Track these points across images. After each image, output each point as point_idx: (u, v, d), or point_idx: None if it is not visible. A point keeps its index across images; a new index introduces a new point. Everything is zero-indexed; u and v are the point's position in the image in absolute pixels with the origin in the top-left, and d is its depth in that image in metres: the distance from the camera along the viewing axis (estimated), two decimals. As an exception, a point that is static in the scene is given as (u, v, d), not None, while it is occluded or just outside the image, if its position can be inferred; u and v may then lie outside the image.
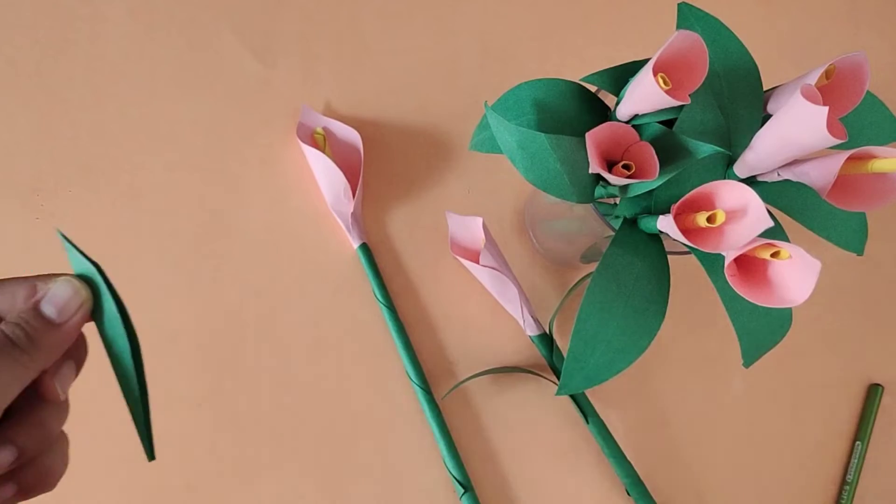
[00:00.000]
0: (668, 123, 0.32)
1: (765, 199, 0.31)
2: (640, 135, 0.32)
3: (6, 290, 0.22)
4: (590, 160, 0.30)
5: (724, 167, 0.33)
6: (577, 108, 0.34)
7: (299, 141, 0.46)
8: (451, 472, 0.44)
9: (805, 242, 0.29)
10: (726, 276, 0.28)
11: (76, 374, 0.24)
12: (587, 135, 0.30)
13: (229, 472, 0.44)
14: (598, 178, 0.33)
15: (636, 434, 0.47)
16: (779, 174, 0.31)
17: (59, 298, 0.22)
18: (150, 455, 0.23)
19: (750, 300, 0.28)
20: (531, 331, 0.45)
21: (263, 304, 0.46)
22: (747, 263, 0.29)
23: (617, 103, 0.33)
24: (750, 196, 0.27)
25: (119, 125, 0.48)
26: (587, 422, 0.45)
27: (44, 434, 0.23)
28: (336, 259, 0.47)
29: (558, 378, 0.45)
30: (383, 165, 0.49)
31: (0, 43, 0.48)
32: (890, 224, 0.51)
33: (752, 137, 0.30)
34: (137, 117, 0.48)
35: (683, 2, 0.34)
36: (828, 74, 0.28)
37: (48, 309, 0.22)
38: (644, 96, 0.30)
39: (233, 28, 0.50)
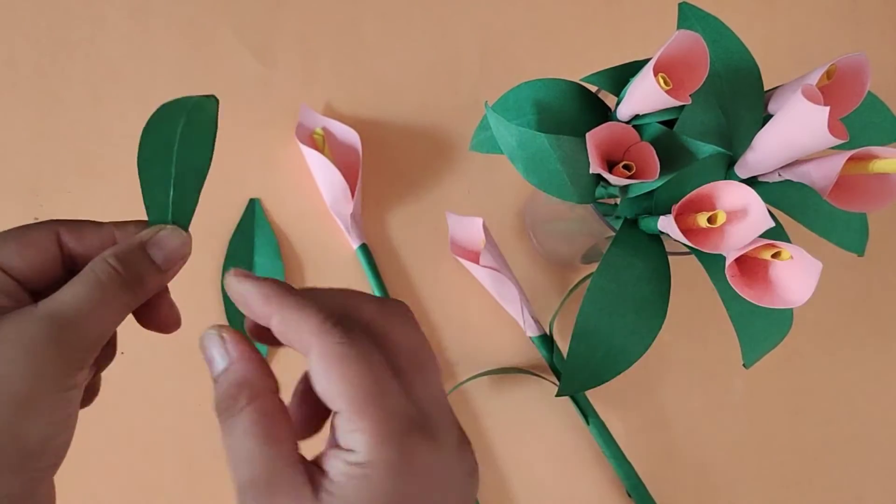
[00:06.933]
0: (669, 124, 0.32)
1: (766, 199, 0.31)
2: (641, 135, 0.32)
3: (87, 233, 0.23)
4: (590, 160, 0.30)
5: (725, 167, 0.33)
6: (577, 109, 0.34)
7: (298, 142, 0.46)
8: (451, 473, 0.43)
9: (806, 243, 0.28)
10: (727, 276, 0.28)
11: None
12: (587, 135, 0.30)
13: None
14: (599, 178, 0.33)
15: (637, 435, 0.47)
16: (780, 175, 0.31)
17: (169, 246, 0.23)
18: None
19: (751, 301, 0.28)
20: (531, 331, 0.45)
21: (263, 304, 0.46)
22: (748, 264, 0.29)
23: (617, 103, 0.33)
24: (751, 196, 0.27)
25: (119, 125, 0.48)
26: (588, 423, 0.45)
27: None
28: (335, 260, 0.47)
29: (559, 379, 0.45)
30: (383, 166, 0.49)
31: (0, 43, 0.48)
32: (890, 224, 0.51)
33: (752, 138, 0.30)
34: (137, 117, 0.48)
35: (684, 1, 0.34)
36: (829, 74, 0.28)
37: (157, 254, 0.22)
38: (644, 96, 0.30)
39: (233, 28, 0.50)
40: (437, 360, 0.23)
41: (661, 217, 0.31)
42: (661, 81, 0.28)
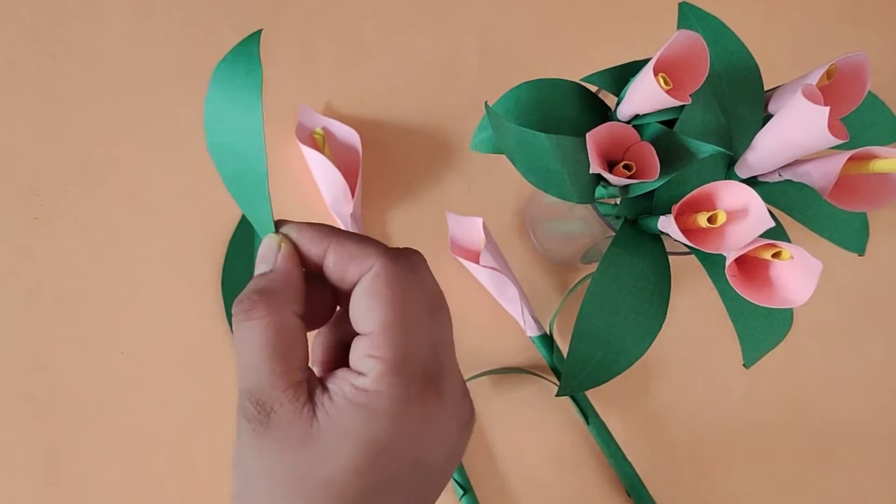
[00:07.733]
0: (669, 123, 0.32)
1: (766, 199, 0.31)
2: (641, 135, 0.32)
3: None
4: (590, 160, 0.30)
5: (725, 167, 0.33)
6: (577, 109, 0.34)
7: (298, 142, 0.46)
8: (451, 473, 0.44)
9: (806, 243, 0.28)
10: (727, 276, 0.28)
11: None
12: (588, 135, 0.30)
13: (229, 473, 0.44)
14: (599, 178, 0.33)
15: (637, 435, 0.47)
16: (780, 174, 0.31)
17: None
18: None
19: (751, 301, 0.28)
20: (531, 331, 0.45)
21: (263, 304, 0.46)
22: (748, 264, 0.29)
23: (617, 103, 0.33)
24: (751, 196, 0.27)
25: (119, 125, 0.48)
26: (587, 423, 0.45)
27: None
28: (336, 259, 0.47)
29: (559, 379, 0.45)
30: (383, 165, 0.49)
31: (0, 42, 0.48)
32: (891, 224, 0.51)
33: (752, 138, 0.30)
34: (137, 117, 0.48)
35: (684, 1, 0.34)
36: (829, 74, 0.28)
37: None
38: (645, 96, 0.30)
39: (233, 28, 0.50)
40: (449, 311, 0.24)
41: (661, 217, 0.31)
42: (661, 81, 0.28)
